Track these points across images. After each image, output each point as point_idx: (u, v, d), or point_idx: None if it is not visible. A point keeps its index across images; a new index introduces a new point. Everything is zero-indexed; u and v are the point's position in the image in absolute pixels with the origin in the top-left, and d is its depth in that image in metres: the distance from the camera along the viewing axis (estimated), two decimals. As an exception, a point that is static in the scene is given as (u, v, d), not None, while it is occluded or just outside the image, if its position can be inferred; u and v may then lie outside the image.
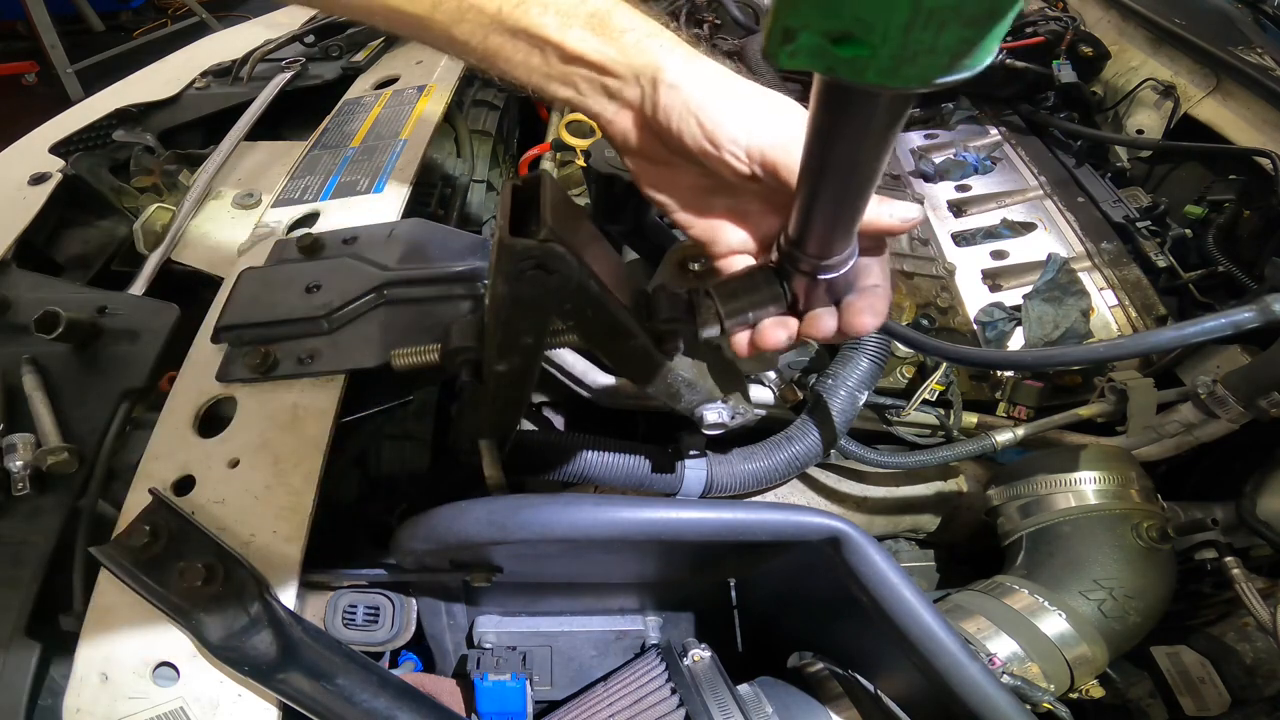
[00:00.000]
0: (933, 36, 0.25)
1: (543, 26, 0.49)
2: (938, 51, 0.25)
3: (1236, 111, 1.19)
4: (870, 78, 0.27)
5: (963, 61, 0.26)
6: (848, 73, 0.27)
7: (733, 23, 1.49)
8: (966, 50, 0.26)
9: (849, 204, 0.40)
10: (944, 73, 0.26)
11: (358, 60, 1.24)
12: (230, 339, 0.72)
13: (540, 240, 0.42)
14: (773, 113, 0.49)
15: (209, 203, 0.97)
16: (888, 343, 0.84)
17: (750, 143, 0.48)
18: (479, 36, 0.50)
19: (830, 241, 0.44)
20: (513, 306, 0.47)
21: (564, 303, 0.46)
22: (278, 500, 0.62)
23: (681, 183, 0.54)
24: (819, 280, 0.47)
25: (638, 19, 0.51)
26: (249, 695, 0.55)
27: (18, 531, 0.63)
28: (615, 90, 0.51)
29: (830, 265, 0.45)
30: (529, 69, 0.51)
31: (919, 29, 0.24)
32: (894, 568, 0.61)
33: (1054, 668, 0.74)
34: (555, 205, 0.44)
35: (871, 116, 0.32)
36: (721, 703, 0.66)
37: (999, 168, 1.30)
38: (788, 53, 0.27)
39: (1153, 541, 0.80)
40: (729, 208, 0.54)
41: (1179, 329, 0.69)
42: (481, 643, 0.82)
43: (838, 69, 0.27)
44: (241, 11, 4.03)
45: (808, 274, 0.46)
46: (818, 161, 0.38)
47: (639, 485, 0.79)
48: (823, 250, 0.45)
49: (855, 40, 0.25)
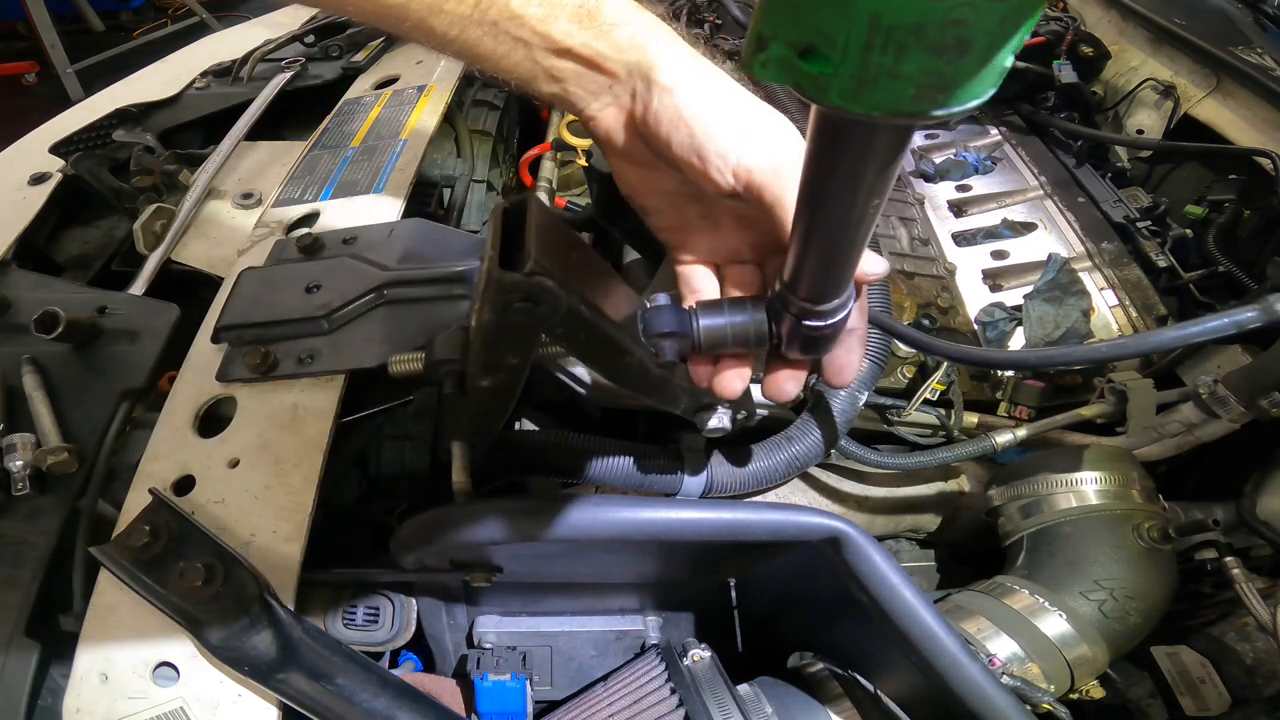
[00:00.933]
0: (893, 60, 0.24)
1: (527, 18, 0.46)
2: (900, 79, 0.24)
3: (1236, 111, 1.19)
4: (833, 98, 0.26)
5: (934, 96, 0.25)
6: (812, 89, 0.26)
7: (733, 23, 1.49)
8: (937, 83, 0.24)
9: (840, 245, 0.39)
10: (913, 105, 0.25)
11: (358, 60, 1.24)
12: (230, 339, 0.72)
13: (526, 274, 0.41)
14: (766, 133, 0.47)
15: (209, 203, 0.97)
16: (888, 342, 0.84)
17: (739, 162, 0.46)
18: (458, 28, 0.47)
19: (823, 285, 0.42)
20: (498, 333, 0.47)
21: (555, 327, 0.46)
22: (278, 500, 0.62)
23: (661, 186, 0.53)
24: (805, 326, 0.45)
25: (631, 11, 0.48)
26: (249, 695, 0.55)
27: (18, 531, 0.63)
28: (605, 87, 0.49)
29: (822, 312, 0.44)
30: (513, 63, 0.48)
31: (878, 50, 0.23)
32: (894, 568, 0.61)
33: (1054, 668, 0.74)
34: (542, 231, 0.44)
35: (860, 150, 0.31)
36: (721, 703, 0.66)
37: (999, 168, 1.30)
38: (759, 62, 0.27)
39: (1154, 542, 0.80)
40: (702, 215, 0.53)
41: (1182, 328, 0.69)
42: (481, 643, 0.82)
43: (803, 84, 0.27)
44: (241, 11, 4.03)
45: (795, 316, 0.45)
46: (809, 200, 0.37)
47: (639, 485, 0.79)
48: (813, 294, 0.43)
49: (819, 54, 0.25)
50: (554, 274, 0.42)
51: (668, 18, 0.52)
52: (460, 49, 0.48)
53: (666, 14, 0.54)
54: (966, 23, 0.22)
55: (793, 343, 0.47)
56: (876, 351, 0.84)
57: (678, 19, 1.51)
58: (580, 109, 0.51)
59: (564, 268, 0.44)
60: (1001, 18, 0.23)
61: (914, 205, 1.21)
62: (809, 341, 0.46)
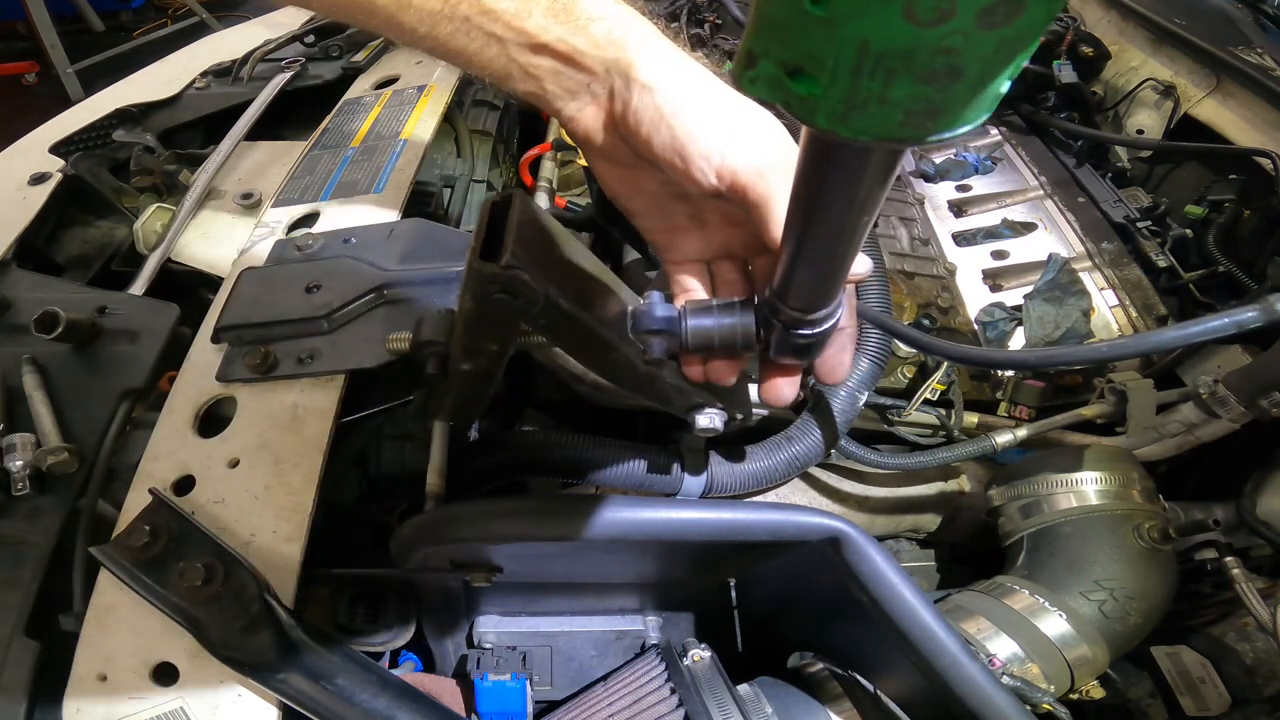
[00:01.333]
0: (881, 86, 0.23)
1: (500, 12, 0.44)
2: (889, 104, 0.24)
3: (1236, 111, 1.19)
4: (820, 120, 0.25)
5: (924, 122, 0.24)
6: (799, 110, 0.26)
7: (733, 23, 1.49)
8: (926, 110, 0.24)
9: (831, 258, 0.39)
10: (901, 130, 0.24)
11: (358, 60, 1.24)
12: (230, 339, 0.72)
13: (502, 267, 0.42)
14: (750, 132, 0.46)
15: (209, 203, 0.97)
16: (888, 342, 0.84)
17: (723, 162, 0.45)
18: (428, 24, 0.45)
19: (814, 296, 0.42)
20: (478, 320, 0.47)
21: (536, 319, 0.46)
22: (278, 500, 0.62)
23: (645, 187, 0.52)
24: (795, 334, 0.45)
25: (608, 4, 0.46)
26: (249, 695, 0.55)
27: (18, 531, 0.63)
28: (583, 86, 0.47)
29: (813, 320, 0.44)
30: (486, 60, 0.46)
31: (867, 75, 0.23)
32: (894, 568, 0.62)
33: (1054, 668, 0.74)
34: (523, 227, 0.44)
35: (850, 170, 0.31)
36: (721, 703, 0.66)
37: (999, 168, 1.30)
38: (749, 78, 0.27)
39: (1154, 542, 0.80)
40: (689, 215, 0.52)
41: (1182, 328, 0.69)
42: (481, 643, 0.82)
43: (791, 104, 0.26)
44: (241, 11, 4.03)
45: (785, 324, 0.44)
46: (800, 213, 0.36)
47: (639, 485, 0.79)
48: (805, 304, 0.43)
49: (807, 76, 0.25)
50: (531, 267, 0.43)
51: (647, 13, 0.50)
52: (432, 46, 0.46)
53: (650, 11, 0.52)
54: (958, 50, 0.22)
55: (783, 350, 0.47)
56: (876, 351, 0.84)
57: (677, 19, 1.51)
58: (558, 109, 0.49)
59: (545, 262, 0.44)
60: (996, 45, 0.22)
61: (914, 205, 1.21)
62: (799, 349, 0.46)
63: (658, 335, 0.49)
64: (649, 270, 0.98)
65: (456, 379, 0.55)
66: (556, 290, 0.44)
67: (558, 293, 0.44)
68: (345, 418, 0.70)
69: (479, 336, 0.50)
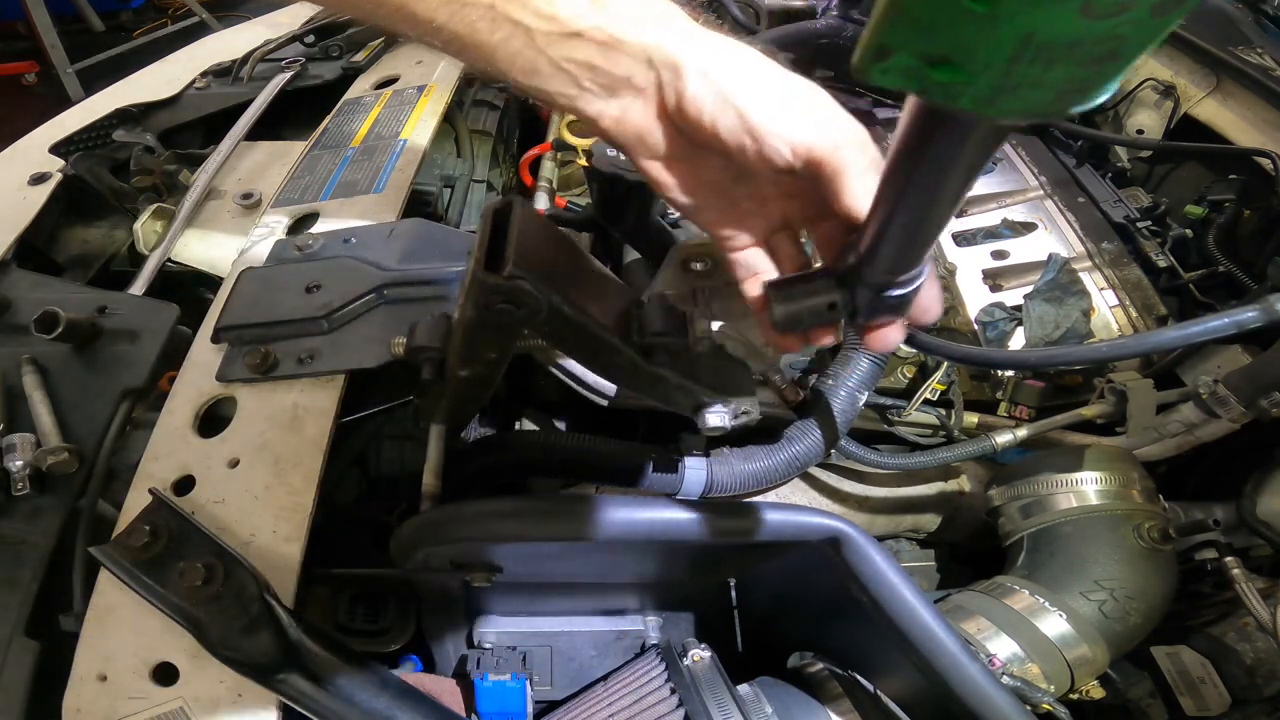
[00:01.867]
0: (1040, 71, 0.23)
1: None
2: (1044, 86, 0.24)
3: (1236, 111, 1.19)
4: (964, 104, 0.25)
5: (1072, 98, 0.24)
6: (940, 96, 0.26)
7: (734, 22, 1.49)
8: (1079, 88, 0.24)
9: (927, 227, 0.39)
10: (1050, 108, 0.25)
11: (358, 60, 1.24)
12: (230, 339, 0.72)
13: (506, 277, 0.42)
14: (815, 107, 0.45)
15: (209, 203, 0.97)
16: (889, 342, 0.84)
17: (795, 138, 0.43)
18: (445, 11, 0.41)
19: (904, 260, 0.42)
20: (479, 329, 0.47)
21: (540, 326, 0.46)
22: (278, 500, 0.62)
23: (706, 177, 0.49)
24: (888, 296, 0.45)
25: None
26: (249, 695, 0.55)
27: (18, 531, 0.63)
28: (623, 81, 0.44)
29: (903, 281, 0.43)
30: (509, 53, 0.42)
31: (1025, 63, 0.23)
32: (894, 568, 0.62)
33: (1054, 668, 0.74)
34: (525, 235, 0.44)
35: (963, 144, 0.31)
36: (721, 703, 0.66)
37: (999, 168, 1.30)
38: (880, 69, 0.26)
39: (1154, 542, 0.80)
40: (750, 196, 0.50)
41: (1183, 328, 0.68)
42: (481, 643, 0.82)
43: (930, 91, 0.26)
44: (241, 11, 4.03)
45: (875, 288, 0.44)
46: (901, 182, 0.36)
47: (639, 485, 0.79)
48: (894, 268, 0.43)
49: (953, 64, 0.24)
50: (535, 276, 0.43)
51: None
52: (447, 39, 0.42)
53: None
54: (1126, 37, 0.22)
55: (874, 313, 0.47)
56: (877, 351, 0.84)
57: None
58: (596, 112, 0.45)
59: (549, 269, 0.44)
60: (1160, 28, 0.22)
61: (914, 205, 1.21)
62: (891, 309, 0.46)
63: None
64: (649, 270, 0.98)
65: (454, 385, 0.56)
66: (560, 298, 0.44)
67: (561, 300, 0.45)
68: (345, 418, 0.70)
69: (479, 344, 0.50)
